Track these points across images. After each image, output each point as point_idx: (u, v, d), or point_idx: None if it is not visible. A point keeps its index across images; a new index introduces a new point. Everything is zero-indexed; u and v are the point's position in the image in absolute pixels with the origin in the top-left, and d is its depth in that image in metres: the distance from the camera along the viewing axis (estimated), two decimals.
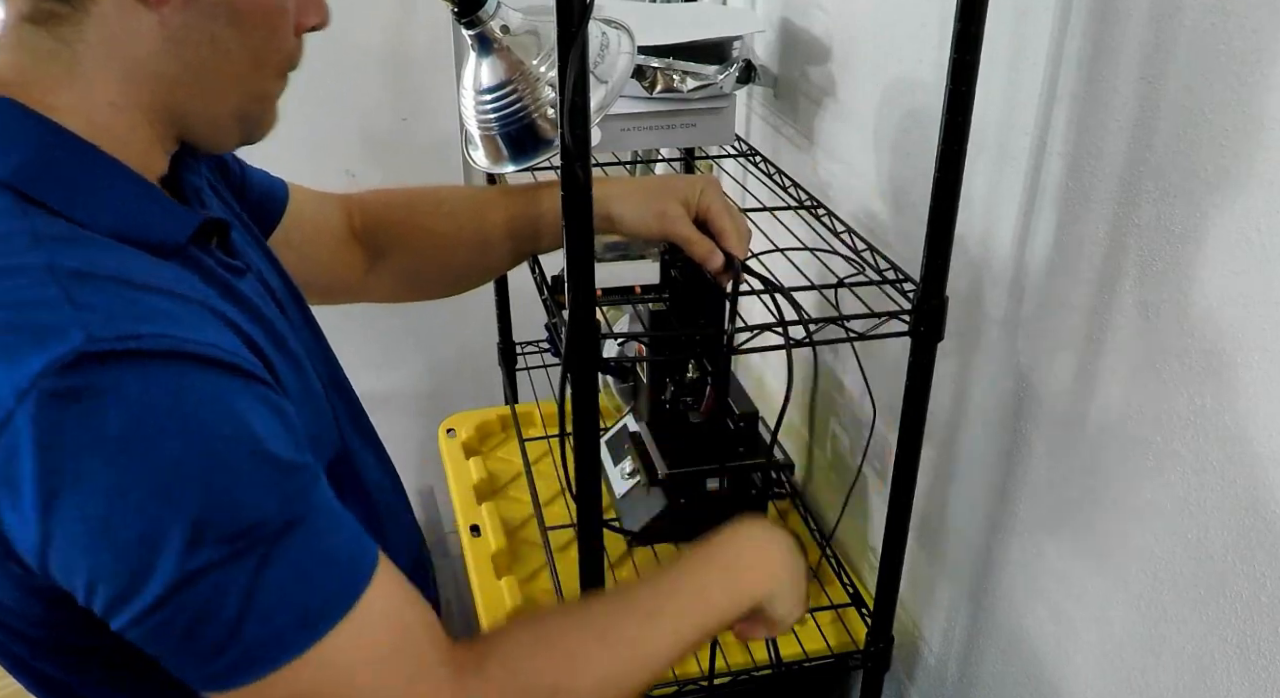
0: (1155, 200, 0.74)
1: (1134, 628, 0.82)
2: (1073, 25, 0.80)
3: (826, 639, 1.16)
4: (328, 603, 0.56)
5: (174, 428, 0.51)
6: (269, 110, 0.68)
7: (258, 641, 0.53)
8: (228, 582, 0.52)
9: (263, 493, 0.53)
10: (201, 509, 0.51)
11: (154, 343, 0.51)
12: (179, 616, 0.52)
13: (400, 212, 0.97)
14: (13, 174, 0.55)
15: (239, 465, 0.52)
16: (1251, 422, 0.69)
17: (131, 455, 0.50)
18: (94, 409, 0.49)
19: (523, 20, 0.82)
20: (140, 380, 0.50)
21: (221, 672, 0.54)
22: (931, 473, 1.09)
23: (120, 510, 0.50)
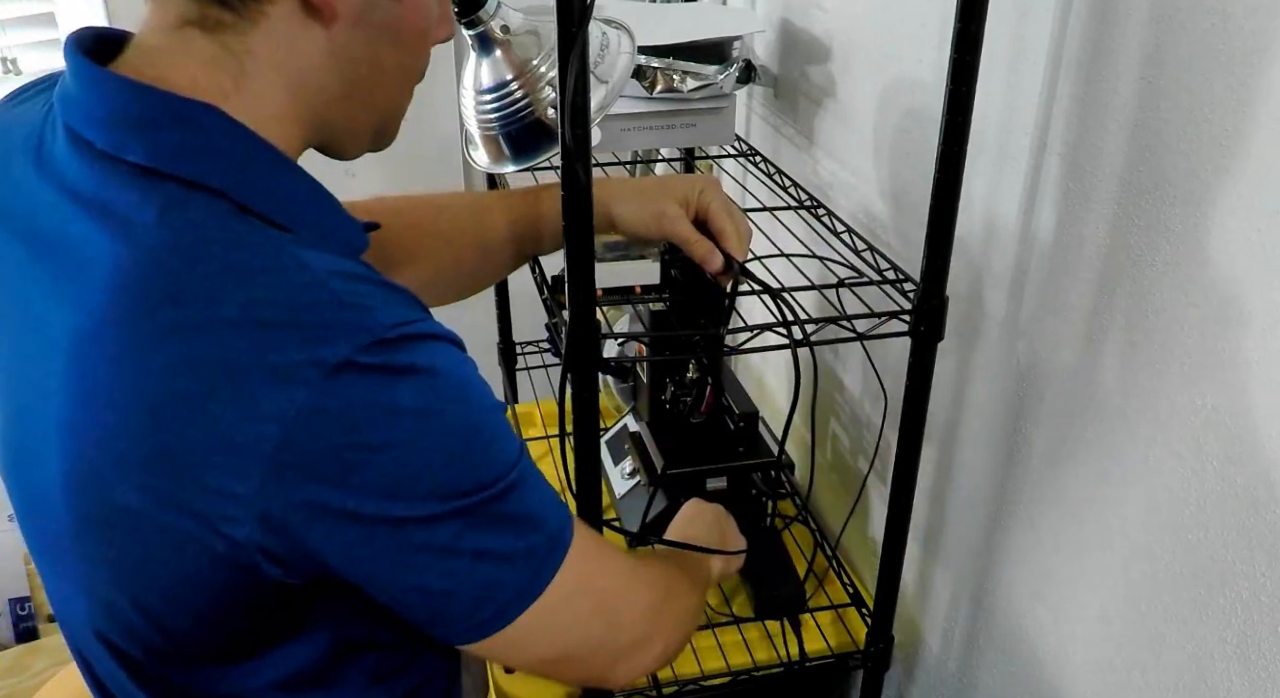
0: (1155, 200, 0.74)
1: (1134, 628, 0.82)
2: (1073, 26, 0.80)
3: (826, 639, 1.16)
4: (562, 508, 0.64)
5: (454, 399, 0.56)
6: (399, 123, 0.71)
7: (521, 572, 0.60)
8: (497, 519, 0.58)
9: (508, 440, 0.60)
10: (480, 462, 0.57)
11: (421, 326, 0.56)
12: (459, 558, 0.57)
13: (406, 220, 0.97)
14: (227, 182, 0.56)
15: (496, 420, 0.59)
16: (1252, 422, 0.69)
17: (429, 421, 0.55)
18: (393, 384, 0.53)
19: (523, 20, 0.82)
20: (422, 356, 0.55)
21: (500, 610, 0.60)
22: (931, 473, 1.09)
23: (415, 472, 0.54)
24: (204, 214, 0.55)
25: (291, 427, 0.51)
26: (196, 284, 0.53)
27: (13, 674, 1.67)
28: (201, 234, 0.54)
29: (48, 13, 1.64)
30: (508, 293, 1.61)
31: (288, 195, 0.59)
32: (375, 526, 0.55)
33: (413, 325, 0.55)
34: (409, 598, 0.59)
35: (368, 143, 0.69)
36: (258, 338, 0.52)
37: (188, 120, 0.56)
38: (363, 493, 0.54)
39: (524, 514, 0.60)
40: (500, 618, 0.60)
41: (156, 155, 0.55)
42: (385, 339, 0.53)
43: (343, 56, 0.60)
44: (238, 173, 0.57)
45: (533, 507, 0.61)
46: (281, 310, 0.53)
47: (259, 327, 0.52)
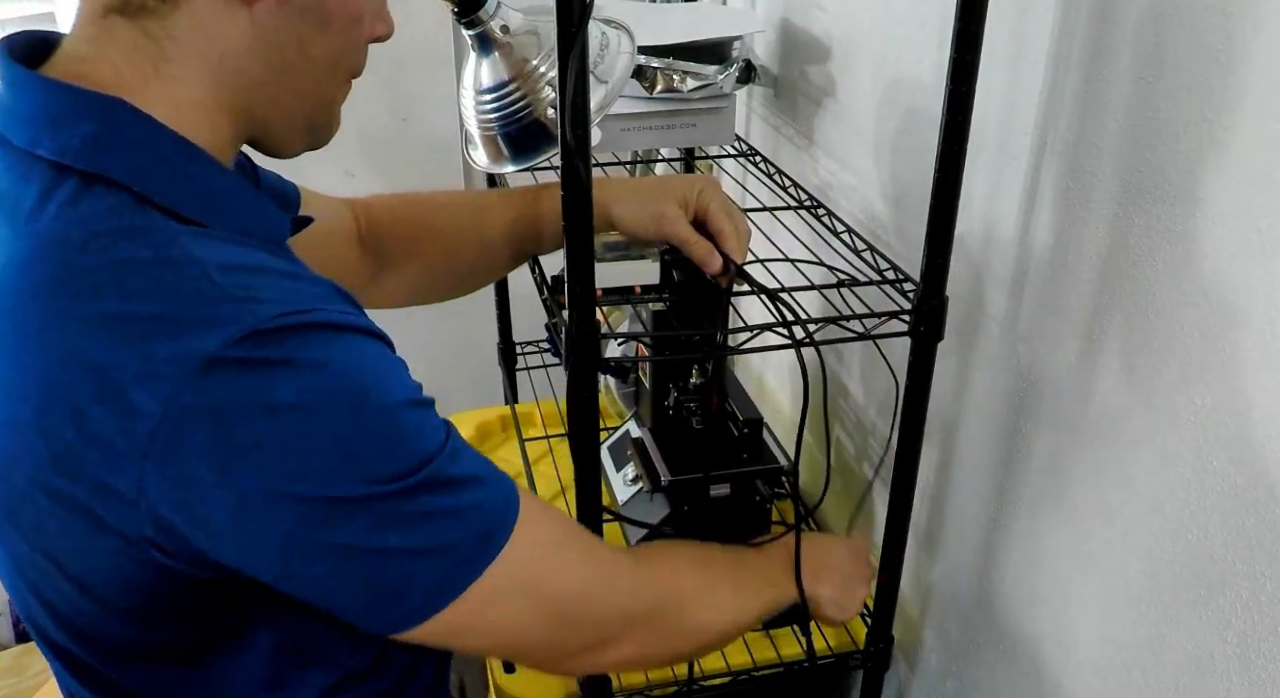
0: (1155, 200, 0.74)
1: (1134, 628, 0.82)
2: (1073, 25, 0.80)
3: (826, 639, 1.16)
4: (500, 511, 0.61)
5: (342, 393, 0.54)
6: (335, 117, 0.69)
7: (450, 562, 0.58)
8: (409, 515, 0.56)
9: (423, 435, 0.57)
10: (378, 455, 0.55)
11: (306, 317, 0.53)
12: (366, 553, 0.55)
13: (404, 218, 0.97)
14: (130, 174, 0.56)
15: (402, 415, 0.56)
16: (1251, 422, 0.69)
17: (304, 420, 0.53)
18: (267, 379, 0.52)
19: (523, 20, 0.82)
20: (304, 349, 0.53)
21: (419, 604, 0.58)
22: (931, 473, 1.09)
23: (295, 470, 0.53)
24: (101, 207, 0.55)
25: (161, 425, 0.51)
26: (80, 278, 0.53)
27: (13, 674, 1.67)
28: (94, 227, 0.54)
29: (48, 13, 1.64)
30: (508, 293, 1.61)
31: (197, 187, 0.58)
32: (257, 524, 0.54)
33: (300, 316, 0.53)
34: (307, 592, 0.57)
35: (302, 136, 0.67)
36: (131, 333, 0.51)
37: (96, 115, 0.56)
38: (242, 493, 0.52)
39: (437, 512, 0.57)
40: (414, 615, 0.58)
41: (64, 150, 0.55)
42: (261, 331, 0.52)
43: (267, 39, 0.59)
44: (142, 165, 0.56)
45: (450, 505, 0.58)
46: (159, 304, 0.52)
47: (134, 321, 0.52)
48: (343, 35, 0.64)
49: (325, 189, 0.96)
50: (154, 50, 0.57)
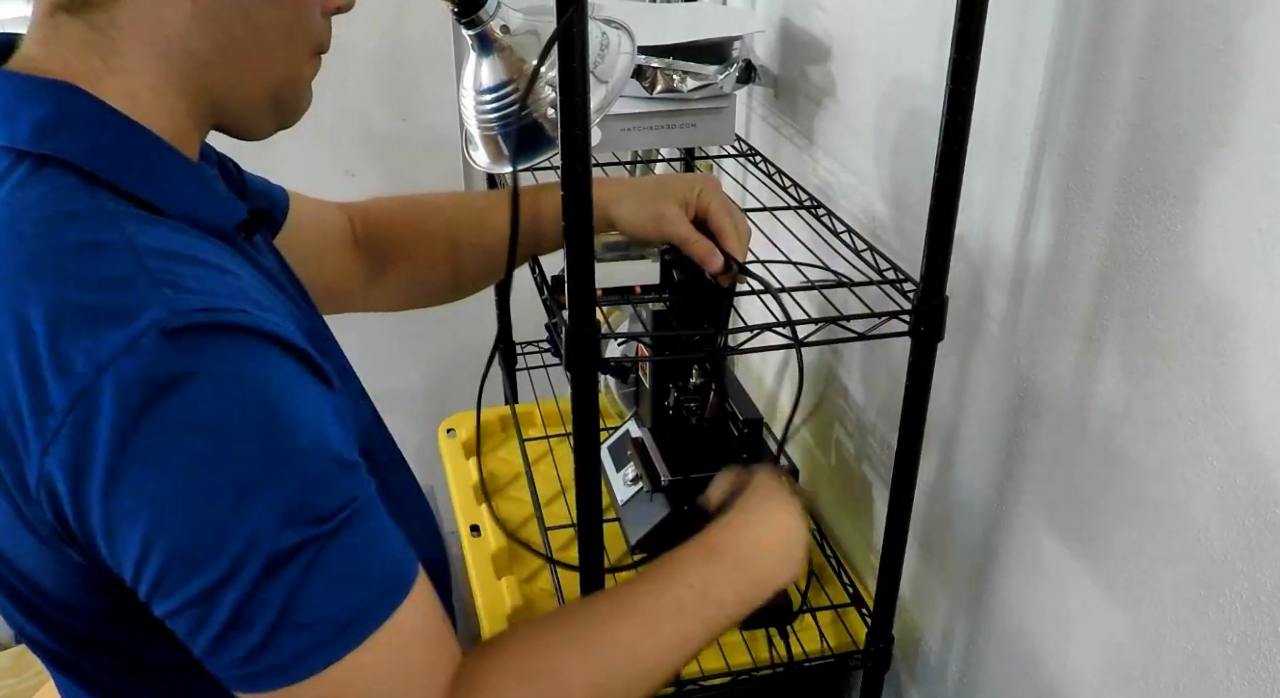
0: (1155, 200, 0.74)
1: (1134, 628, 0.82)
2: (1073, 25, 0.80)
3: (826, 639, 1.16)
4: (369, 609, 0.55)
5: (254, 409, 0.51)
6: (302, 93, 0.67)
7: (297, 644, 0.53)
8: (283, 573, 0.52)
9: (326, 487, 0.53)
10: (270, 497, 0.51)
11: (232, 317, 0.51)
12: (222, 607, 0.52)
13: (401, 219, 0.97)
14: (80, 156, 0.56)
15: (310, 457, 0.53)
16: (1251, 422, 0.69)
17: (208, 435, 0.50)
18: (171, 387, 0.49)
19: (523, 20, 0.82)
20: (220, 359, 0.51)
21: (258, 673, 0.53)
22: (931, 473, 1.09)
23: (189, 491, 0.50)
24: (48, 189, 0.55)
25: (65, 422, 0.49)
26: (19, 260, 0.53)
27: (12, 674, 1.67)
28: (39, 211, 0.54)
29: None
30: (508, 293, 1.61)
31: (148, 170, 0.58)
32: (137, 549, 0.51)
33: (217, 315, 0.51)
34: (171, 622, 0.54)
35: (266, 114, 0.66)
36: (59, 321, 0.50)
37: (48, 100, 0.56)
38: (125, 508, 0.50)
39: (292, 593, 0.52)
40: (251, 684, 0.54)
41: (16, 136, 0.56)
42: (175, 330, 0.49)
43: (210, 18, 0.59)
44: (93, 147, 0.56)
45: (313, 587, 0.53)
46: (84, 292, 0.51)
47: (63, 308, 0.51)
48: (291, 7, 0.63)
49: (325, 189, 0.96)
50: (102, 43, 0.57)
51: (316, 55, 0.67)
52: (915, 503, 1.01)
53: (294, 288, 0.75)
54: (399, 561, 0.58)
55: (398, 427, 0.86)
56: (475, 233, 0.97)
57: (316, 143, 1.73)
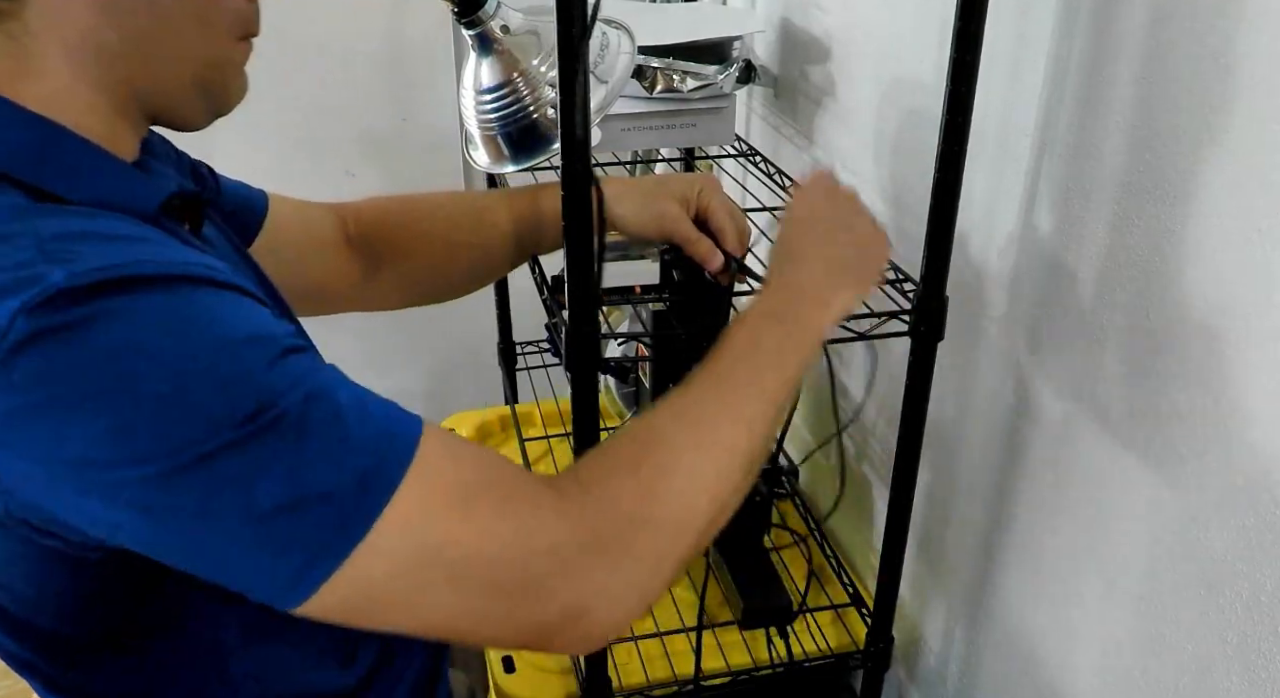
0: (1155, 200, 0.74)
1: (1134, 628, 0.82)
2: (1073, 25, 0.80)
3: (826, 639, 1.16)
4: (384, 460, 0.52)
5: (163, 333, 0.50)
6: (232, 78, 0.65)
7: (321, 521, 0.51)
8: (263, 462, 0.50)
9: (270, 370, 0.52)
10: (212, 399, 0.49)
11: (136, 269, 0.51)
12: (222, 511, 0.50)
13: (396, 218, 0.97)
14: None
15: (238, 354, 0.51)
16: (1251, 422, 0.69)
17: (122, 369, 0.49)
18: (77, 337, 0.49)
19: (523, 20, 0.82)
20: (126, 301, 0.50)
21: (297, 571, 0.51)
22: (931, 473, 1.09)
23: (123, 425, 0.49)
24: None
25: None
26: None
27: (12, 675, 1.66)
28: None
29: None
30: (508, 293, 1.61)
31: (58, 163, 0.57)
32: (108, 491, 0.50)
33: (118, 270, 0.50)
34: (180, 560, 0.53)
35: (195, 101, 0.64)
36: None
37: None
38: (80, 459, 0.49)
39: (299, 456, 0.51)
40: (297, 585, 0.51)
41: None
42: (74, 289, 0.49)
43: (113, 10, 0.58)
44: (4, 149, 0.56)
45: (316, 448, 0.51)
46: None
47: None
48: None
49: (325, 189, 0.96)
50: (16, 49, 0.58)
51: (243, 39, 0.65)
52: (915, 503, 1.01)
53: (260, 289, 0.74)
54: (394, 412, 0.56)
55: None
56: (473, 232, 0.97)
57: (317, 143, 1.73)
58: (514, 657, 1.15)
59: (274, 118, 1.69)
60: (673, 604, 1.20)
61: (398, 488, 0.52)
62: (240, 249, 0.77)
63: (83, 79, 0.59)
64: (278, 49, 0.67)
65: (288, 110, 1.69)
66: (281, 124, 1.70)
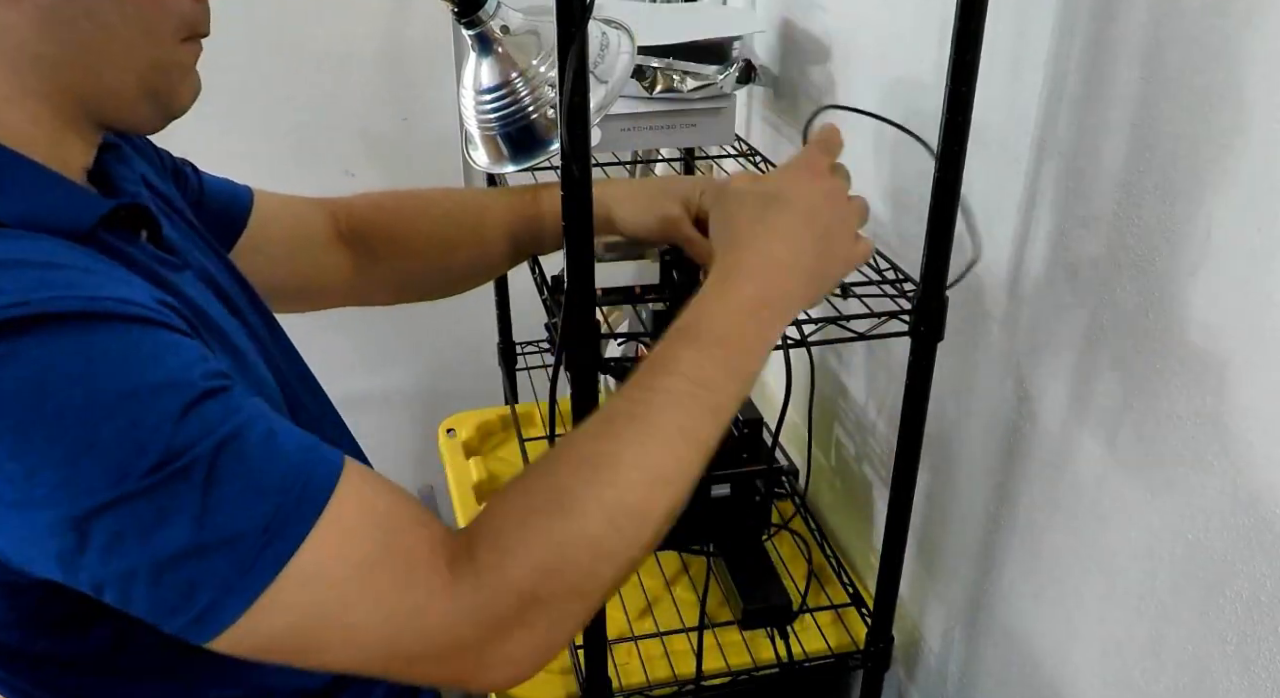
0: (1155, 200, 0.74)
1: (1134, 628, 0.82)
2: (1073, 25, 0.80)
3: (826, 639, 1.16)
4: (292, 511, 0.52)
5: (74, 378, 0.49)
6: (180, 80, 0.64)
7: (225, 566, 0.50)
8: (170, 509, 0.49)
9: (182, 419, 0.51)
10: (119, 447, 0.49)
11: (45, 305, 0.49)
12: (130, 554, 0.50)
13: (391, 213, 0.96)
14: None
15: (150, 401, 0.50)
16: (1251, 422, 0.69)
17: (30, 412, 0.48)
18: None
19: (523, 20, 0.82)
20: (35, 342, 0.49)
21: (202, 612, 0.51)
22: (931, 473, 1.09)
23: (31, 467, 0.48)
24: None
25: None
26: None
27: None
28: None
29: None
30: (508, 293, 1.61)
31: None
32: (17, 527, 0.50)
33: (25, 308, 0.49)
34: (94, 593, 0.52)
35: (146, 108, 0.63)
36: None
37: None
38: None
39: (198, 514, 0.50)
40: (203, 625, 0.52)
41: None
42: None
43: (54, 21, 0.57)
44: None
45: (214, 505, 0.50)
46: None
47: None
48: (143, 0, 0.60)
49: (325, 189, 0.96)
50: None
51: (191, 39, 0.64)
52: (915, 503, 1.01)
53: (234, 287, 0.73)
54: (311, 459, 0.55)
55: (398, 427, 0.86)
56: (472, 229, 0.97)
57: (317, 143, 1.73)
58: None
59: (274, 118, 1.69)
60: (673, 604, 1.20)
61: (304, 539, 0.52)
62: (215, 250, 0.76)
63: (21, 90, 0.58)
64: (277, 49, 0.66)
65: (287, 110, 1.69)
66: (281, 124, 1.70)
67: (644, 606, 1.21)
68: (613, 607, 1.13)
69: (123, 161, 0.67)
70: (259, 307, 0.76)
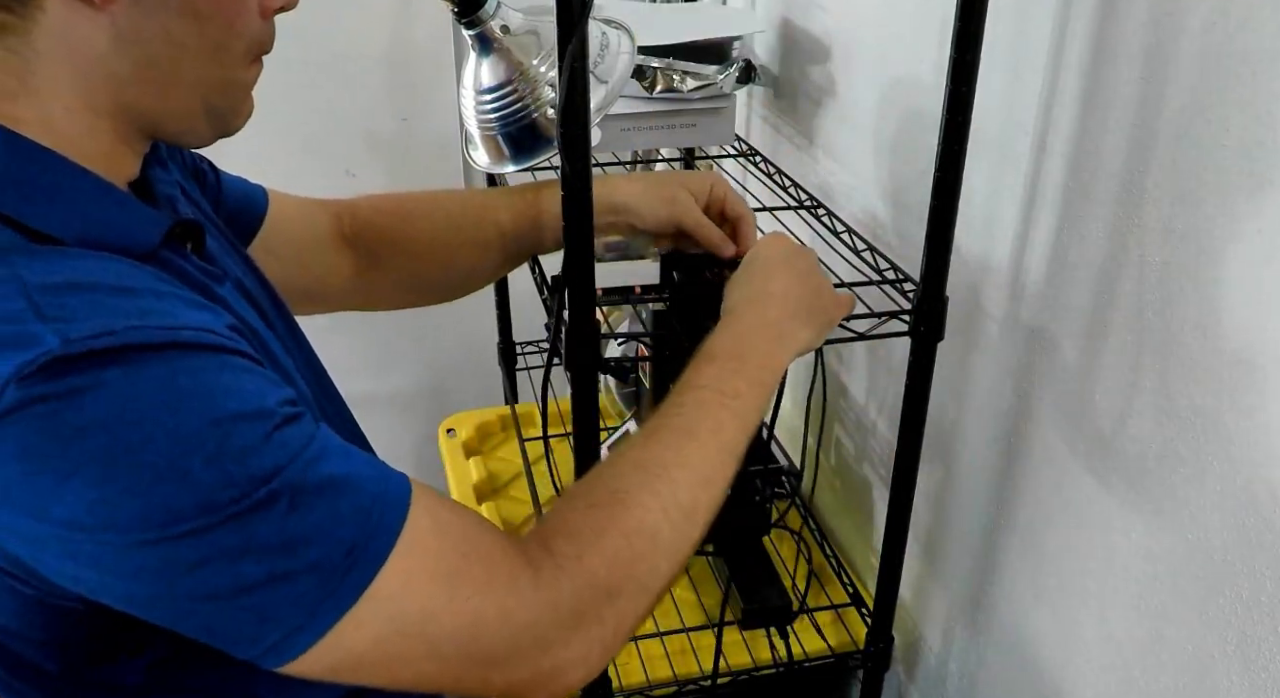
0: (1155, 200, 0.74)
1: (1134, 628, 0.82)
2: (1073, 25, 0.80)
3: (826, 639, 1.16)
4: (372, 534, 0.53)
5: (160, 406, 0.50)
6: (242, 100, 0.65)
7: (309, 592, 0.52)
8: (256, 536, 0.50)
9: (265, 446, 0.52)
10: (205, 476, 0.50)
11: (129, 336, 0.50)
12: (213, 580, 0.50)
13: (393, 216, 0.96)
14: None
15: (233, 430, 0.51)
16: (1251, 422, 0.69)
17: (118, 439, 0.49)
18: (73, 405, 0.48)
19: (523, 20, 0.82)
20: (121, 373, 0.49)
21: (283, 637, 0.52)
22: (931, 473, 1.09)
23: (116, 494, 0.49)
24: None
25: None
26: None
27: None
28: None
29: None
30: (508, 293, 1.61)
31: (50, 200, 0.55)
32: (95, 554, 0.50)
33: (110, 339, 0.49)
34: (165, 621, 0.53)
35: (203, 124, 0.63)
36: None
37: None
38: (69, 524, 0.49)
39: (285, 535, 0.51)
40: (278, 652, 0.53)
41: None
42: (65, 358, 0.48)
43: (130, 39, 0.57)
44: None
45: (304, 526, 0.52)
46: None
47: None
48: (219, 18, 0.60)
49: (326, 189, 0.95)
50: (18, 65, 0.56)
51: (256, 60, 0.64)
52: (915, 503, 1.01)
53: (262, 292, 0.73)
54: (384, 481, 0.56)
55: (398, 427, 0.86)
56: (473, 231, 0.97)
57: (317, 143, 1.73)
58: None
59: (274, 117, 1.68)
60: (673, 604, 1.20)
61: (385, 561, 0.53)
62: (242, 254, 0.76)
63: (87, 102, 0.58)
64: (278, 49, 0.66)
65: (288, 110, 1.69)
66: (282, 124, 1.70)
67: None
68: None
69: (160, 165, 0.67)
70: (283, 310, 0.76)
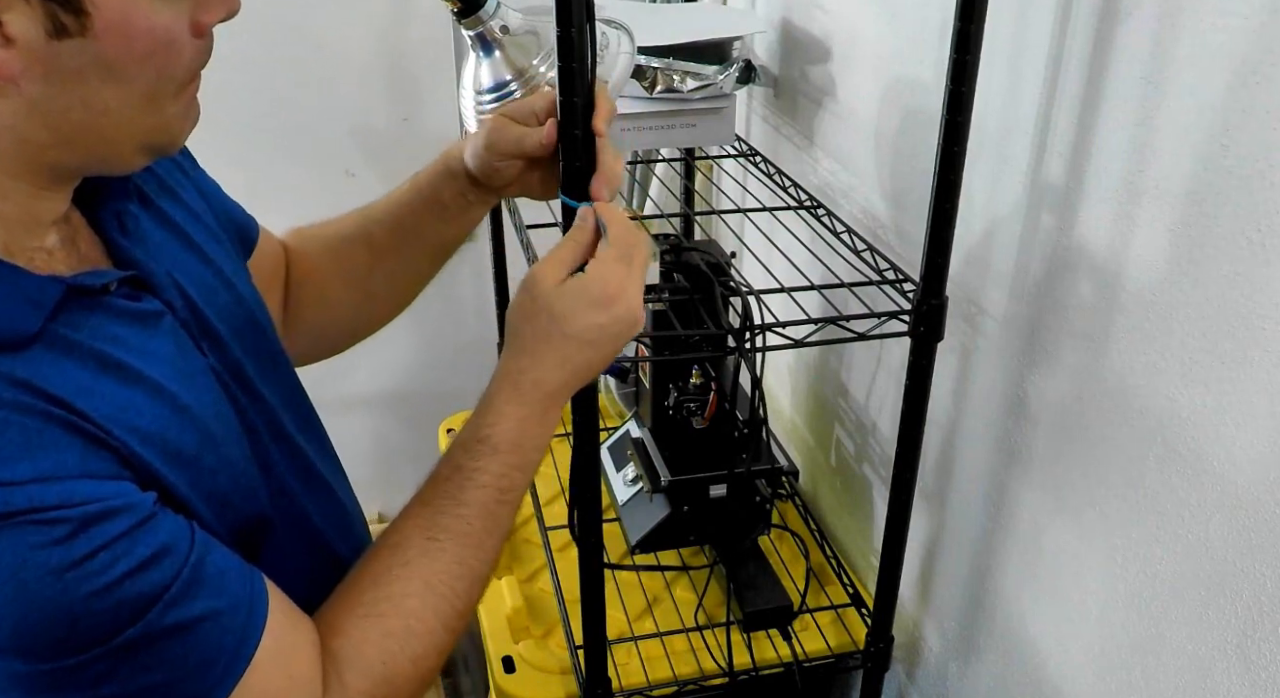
0: (1155, 200, 0.74)
1: (1134, 628, 0.82)
2: (1073, 25, 0.80)
3: (826, 639, 1.16)
4: (226, 668, 0.57)
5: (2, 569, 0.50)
6: (181, 130, 0.62)
7: None
8: (105, 678, 0.53)
9: (113, 612, 0.53)
10: (50, 629, 0.52)
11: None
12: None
13: (296, 255, 0.90)
14: None
15: (75, 589, 0.52)
16: (1251, 422, 0.69)
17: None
18: None
19: (523, 20, 0.82)
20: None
21: None
22: (931, 473, 1.09)
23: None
24: None
25: None
26: None
27: None
28: None
29: None
30: (508, 293, 1.61)
31: None
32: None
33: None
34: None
35: (144, 158, 0.61)
36: None
37: None
38: None
39: (132, 671, 0.54)
40: None
41: None
42: None
43: (45, 110, 0.54)
44: None
45: (149, 661, 0.54)
46: None
47: None
48: (145, 71, 0.56)
49: (325, 189, 0.95)
50: None
51: (193, 80, 0.61)
52: (915, 503, 1.01)
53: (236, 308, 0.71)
54: (241, 617, 0.59)
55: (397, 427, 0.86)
56: (365, 244, 0.89)
57: (317, 143, 1.73)
58: (514, 657, 1.15)
59: (275, 117, 1.69)
60: (673, 605, 1.20)
61: (232, 690, 0.57)
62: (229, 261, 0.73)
63: (9, 168, 0.55)
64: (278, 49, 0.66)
65: (288, 110, 1.69)
66: (282, 124, 1.70)
67: (644, 606, 1.21)
68: (613, 607, 1.13)
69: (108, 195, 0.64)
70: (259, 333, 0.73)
